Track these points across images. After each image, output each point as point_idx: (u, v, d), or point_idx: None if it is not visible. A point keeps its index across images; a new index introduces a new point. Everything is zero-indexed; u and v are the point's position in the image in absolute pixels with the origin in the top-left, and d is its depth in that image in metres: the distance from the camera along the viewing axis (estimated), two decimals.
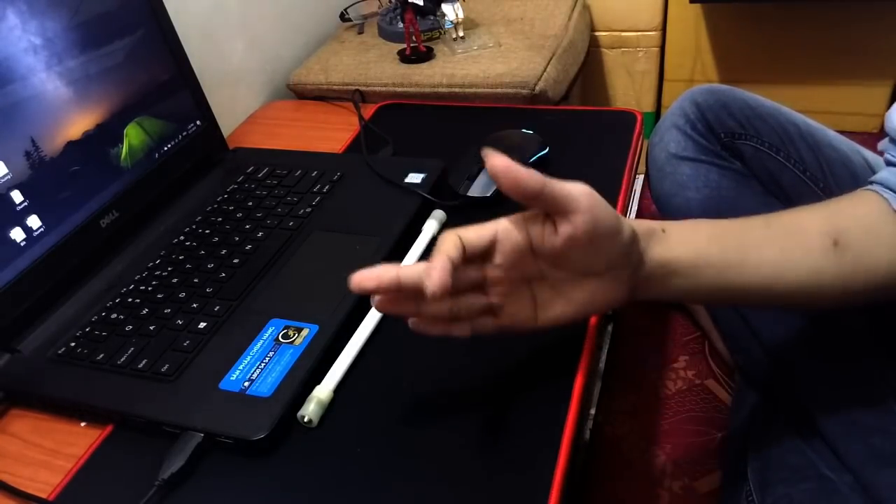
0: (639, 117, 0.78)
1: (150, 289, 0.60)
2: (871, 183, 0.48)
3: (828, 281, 0.46)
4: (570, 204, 0.39)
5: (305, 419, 0.48)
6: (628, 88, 1.48)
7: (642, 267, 0.44)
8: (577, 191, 0.39)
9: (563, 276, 0.43)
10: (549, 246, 0.41)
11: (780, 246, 0.47)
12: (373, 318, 0.55)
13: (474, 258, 0.42)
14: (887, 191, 0.47)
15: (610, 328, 1.06)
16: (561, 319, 0.44)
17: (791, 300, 0.48)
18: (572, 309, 0.44)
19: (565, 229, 0.40)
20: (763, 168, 0.70)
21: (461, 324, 0.44)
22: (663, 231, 0.45)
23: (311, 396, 0.48)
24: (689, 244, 0.45)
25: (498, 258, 0.42)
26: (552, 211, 0.40)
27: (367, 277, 0.41)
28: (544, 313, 0.44)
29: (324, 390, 0.49)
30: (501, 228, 0.42)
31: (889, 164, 0.48)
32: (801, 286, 0.47)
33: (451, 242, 0.41)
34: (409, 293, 0.42)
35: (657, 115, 1.51)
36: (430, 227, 0.62)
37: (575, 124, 0.81)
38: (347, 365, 0.52)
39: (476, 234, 0.42)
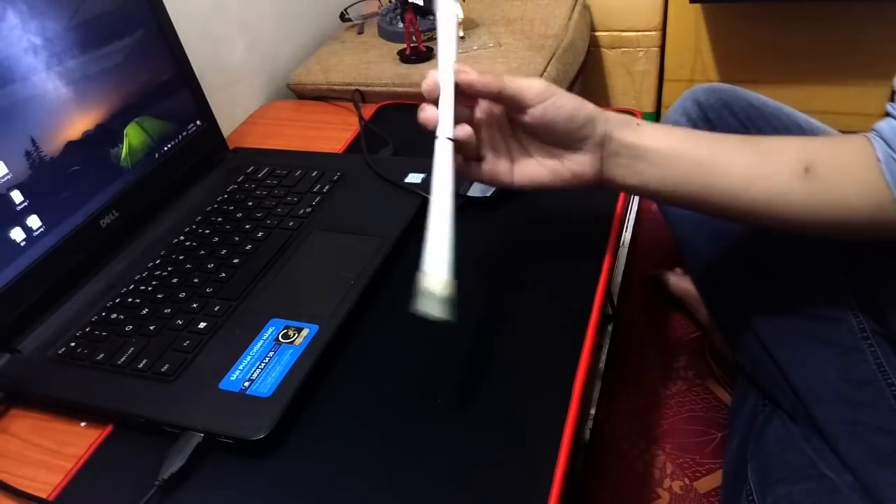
0: (639, 117, 0.78)
1: (150, 289, 0.60)
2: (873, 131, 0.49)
3: (795, 204, 0.49)
4: (522, 101, 0.48)
5: (433, 315, 0.43)
6: (628, 88, 1.48)
7: (609, 144, 0.49)
8: (528, 90, 0.47)
9: (534, 143, 0.51)
10: (518, 121, 0.49)
11: (751, 159, 0.49)
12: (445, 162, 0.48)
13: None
14: (877, 138, 0.48)
15: (610, 328, 1.06)
16: (534, 180, 0.51)
17: (756, 214, 0.50)
18: (544, 172, 0.51)
19: (524, 117, 0.49)
20: None
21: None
22: (638, 125, 0.50)
23: (424, 292, 0.43)
24: (660, 138, 0.50)
25: (480, 106, 0.50)
26: (514, 107, 0.49)
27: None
28: (520, 170, 0.51)
29: (437, 283, 0.42)
30: (477, 81, 0.48)
31: (889, 115, 0.49)
32: (768, 202, 0.49)
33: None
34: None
35: (657, 115, 1.51)
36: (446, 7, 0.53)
37: None
38: (449, 238, 0.44)
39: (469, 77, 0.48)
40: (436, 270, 0.43)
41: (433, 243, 0.44)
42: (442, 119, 0.47)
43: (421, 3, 1.00)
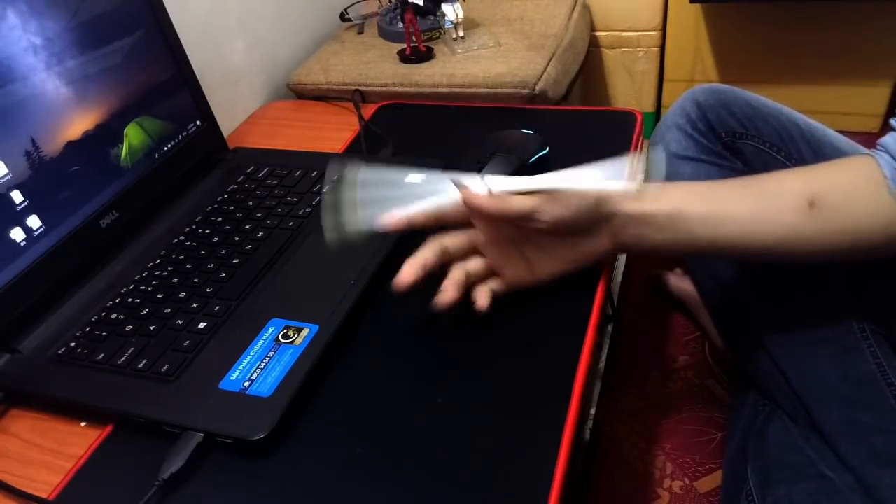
0: (639, 117, 0.78)
1: (150, 289, 0.60)
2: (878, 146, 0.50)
3: (805, 239, 0.49)
4: (530, 220, 0.50)
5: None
6: (628, 88, 1.48)
7: (615, 219, 0.51)
8: (532, 209, 0.49)
9: (544, 241, 0.52)
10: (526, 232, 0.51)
11: (755, 206, 0.50)
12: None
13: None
14: (882, 153, 0.48)
15: (610, 328, 1.06)
16: (556, 273, 0.53)
17: (772, 255, 0.51)
18: (561, 264, 0.53)
19: (534, 229, 0.50)
20: (764, 168, 0.70)
21: (477, 290, 0.53)
22: (638, 190, 0.51)
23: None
24: (661, 200, 0.51)
25: (480, 239, 0.53)
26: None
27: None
28: (539, 269, 0.53)
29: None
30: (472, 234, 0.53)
31: (893, 129, 0.49)
32: (779, 243, 0.50)
33: (430, 250, 0.52)
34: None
35: (657, 115, 1.51)
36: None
37: (575, 124, 0.81)
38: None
39: (455, 240, 0.53)
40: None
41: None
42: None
43: (421, 3, 1.00)
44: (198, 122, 0.76)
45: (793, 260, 0.51)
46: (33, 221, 0.58)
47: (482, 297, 0.52)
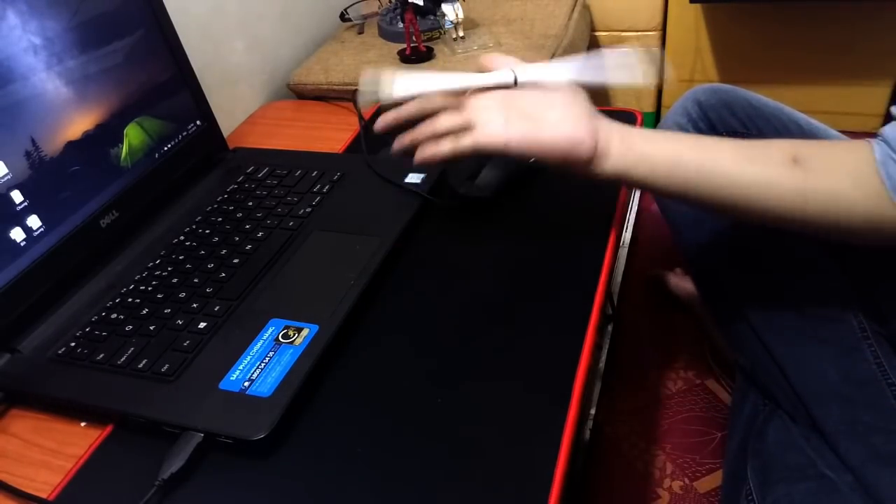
0: (639, 117, 0.78)
1: (150, 289, 0.60)
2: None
3: (786, 194, 0.49)
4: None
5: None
6: (628, 88, 1.48)
7: (602, 120, 0.51)
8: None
9: (528, 104, 0.51)
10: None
11: (741, 149, 0.51)
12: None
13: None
14: (880, 141, 0.48)
15: (610, 328, 1.06)
16: (529, 138, 0.51)
17: (749, 204, 0.51)
18: (535, 130, 0.51)
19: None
20: None
21: (443, 143, 0.53)
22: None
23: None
24: (647, 132, 0.52)
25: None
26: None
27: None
28: (513, 126, 0.51)
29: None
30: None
31: (893, 117, 0.50)
32: (759, 191, 0.50)
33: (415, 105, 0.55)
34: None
35: (657, 115, 1.52)
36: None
37: None
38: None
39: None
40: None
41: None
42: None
43: (421, 3, 1.00)
44: (198, 122, 0.76)
45: (768, 216, 0.51)
46: (33, 221, 0.58)
47: (448, 145, 0.52)
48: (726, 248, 0.69)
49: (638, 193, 1.34)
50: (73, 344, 0.56)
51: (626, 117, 0.78)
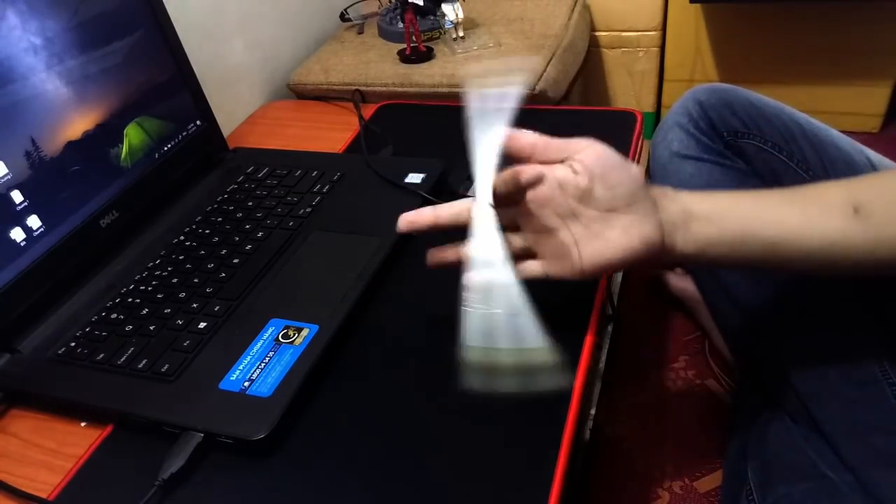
0: (639, 117, 0.78)
1: (150, 289, 0.60)
2: None
3: (852, 247, 0.47)
4: (572, 148, 0.46)
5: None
6: (628, 88, 1.48)
7: (662, 209, 0.47)
8: (577, 141, 0.46)
9: (592, 215, 0.46)
10: (576, 185, 0.46)
11: (800, 207, 0.48)
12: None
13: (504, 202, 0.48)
14: None
15: (610, 328, 1.06)
16: (604, 260, 0.46)
17: (815, 263, 0.49)
18: (610, 249, 0.46)
19: (577, 165, 0.46)
20: (766, 167, 0.70)
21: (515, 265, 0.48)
22: (676, 191, 0.49)
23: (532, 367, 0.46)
24: (704, 198, 0.49)
25: (531, 196, 0.47)
26: (563, 158, 0.47)
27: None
28: (586, 252, 0.46)
29: (540, 353, 0.46)
30: (525, 174, 0.46)
31: None
32: (824, 249, 0.48)
33: (451, 206, 0.50)
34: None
35: (657, 115, 1.51)
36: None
37: (575, 124, 0.81)
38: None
39: (501, 179, 0.47)
40: (534, 342, 0.45)
41: (520, 318, 0.46)
42: (480, 185, 0.48)
43: (421, 3, 1.00)
44: (198, 122, 0.76)
45: (835, 271, 0.49)
46: (33, 221, 0.58)
47: (523, 270, 0.48)
48: None
49: None
50: (72, 344, 0.56)
51: (626, 117, 0.78)
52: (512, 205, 0.48)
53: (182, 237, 0.66)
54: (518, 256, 0.49)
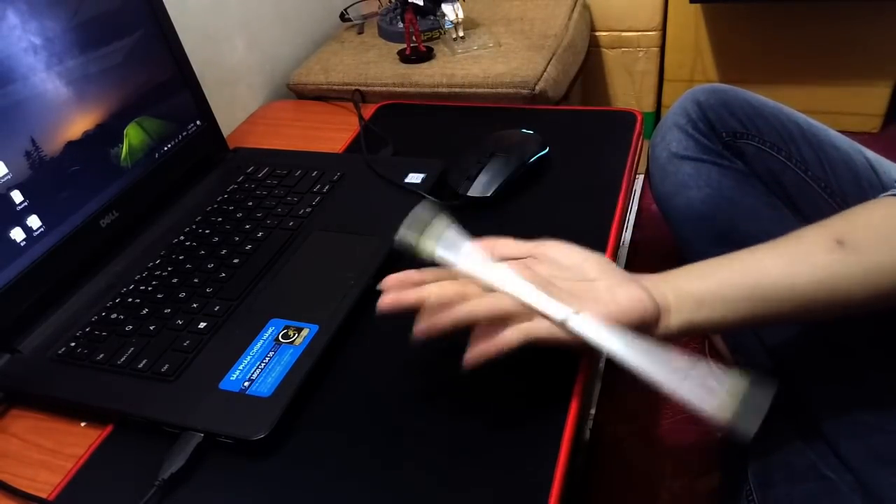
0: (639, 117, 0.78)
1: (150, 289, 0.60)
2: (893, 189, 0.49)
3: (842, 279, 0.47)
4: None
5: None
6: (628, 88, 1.48)
7: (651, 287, 0.46)
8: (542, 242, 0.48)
9: (568, 284, 0.46)
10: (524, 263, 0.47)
11: (783, 251, 0.48)
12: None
13: None
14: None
15: None
16: (609, 313, 0.44)
17: (809, 306, 0.48)
18: (599, 307, 0.44)
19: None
20: (765, 167, 0.70)
21: (508, 331, 0.44)
22: (668, 274, 0.48)
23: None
24: (692, 269, 0.48)
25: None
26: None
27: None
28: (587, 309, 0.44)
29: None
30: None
31: None
32: (814, 287, 0.47)
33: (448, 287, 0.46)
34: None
35: (657, 115, 1.52)
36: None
37: (575, 124, 0.81)
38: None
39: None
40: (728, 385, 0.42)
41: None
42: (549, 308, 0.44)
43: (421, 3, 1.00)
44: (198, 122, 0.76)
45: (831, 309, 0.49)
46: (33, 221, 0.58)
47: (511, 334, 0.44)
48: (726, 249, 0.69)
49: (639, 193, 1.34)
50: (73, 344, 0.56)
51: (626, 117, 0.78)
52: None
53: (182, 237, 0.66)
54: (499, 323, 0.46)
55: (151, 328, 0.55)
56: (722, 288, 0.47)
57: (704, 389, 0.42)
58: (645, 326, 0.45)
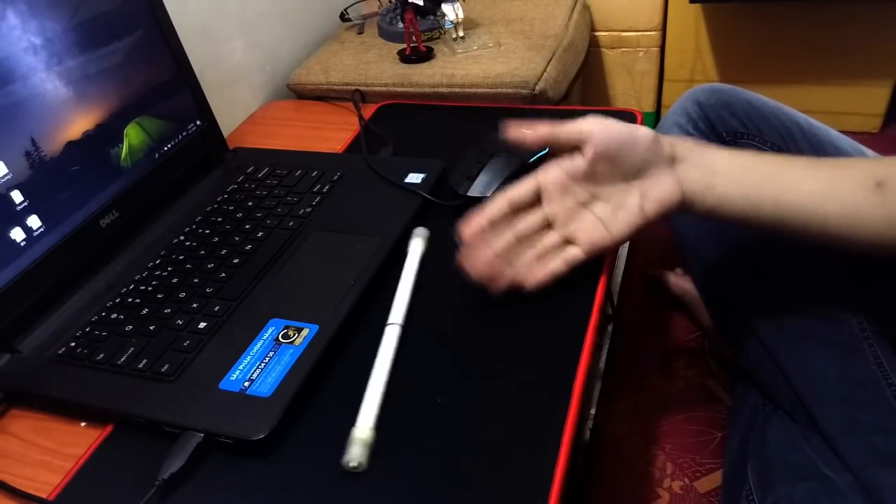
0: (639, 117, 0.78)
1: (150, 289, 0.60)
2: None
3: (870, 220, 0.48)
4: (580, 138, 0.50)
5: (352, 464, 0.44)
6: (628, 88, 1.48)
7: (681, 163, 0.50)
8: (584, 125, 0.50)
9: (610, 189, 0.51)
10: (580, 169, 0.51)
11: (825, 174, 0.49)
12: (390, 344, 0.53)
13: (527, 206, 0.53)
14: None
15: (610, 328, 1.06)
16: (632, 227, 0.51)
17: (833, 233, 0.49)
18: (633, 215, 0.51)
19: (586, 155, 0.50)
20: None
21: (553, 261, 0.53)
22: (695, 142, 0.52)
23: (351, 439, 0.45)
24: (728, 153, 0.51)
25: (546, 195, 0.53)
26: (572, 147, 0.51)
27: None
28: (614, 225, 0.51)
29: (364, 430, 0.46)
30: (540, 175, 0.53)
31: None
32: (842, 219, 0.48)
33: (496, 205, 0.53)
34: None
35: (657, 115, 1.51)
36: (415, 246, 0.61)
37: None
38: (380, 398, 0.49)
39: (519, 189, 0.53)
40: (366, 421, 0.47)
41: (370, 400, 0.48)
42: (395, 308, 0.55)
43: (421, 3, 1.00)
44: (198, 122, 0.76)
45: (851, 243, 0.50)
46: (33, 221, 0.58)
47: (559, 262, 0.52)
48: (726, 248, 0.69)
49: None
50: (72, 344, 0.56)
51: (626, 117, 0.78)
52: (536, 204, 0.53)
53: (182, 237, 0.66)
54: (556, 248, 0.53)
55: (151, 328, 0.55)
56: (758, 195, 0.50)
57: None
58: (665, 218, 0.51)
